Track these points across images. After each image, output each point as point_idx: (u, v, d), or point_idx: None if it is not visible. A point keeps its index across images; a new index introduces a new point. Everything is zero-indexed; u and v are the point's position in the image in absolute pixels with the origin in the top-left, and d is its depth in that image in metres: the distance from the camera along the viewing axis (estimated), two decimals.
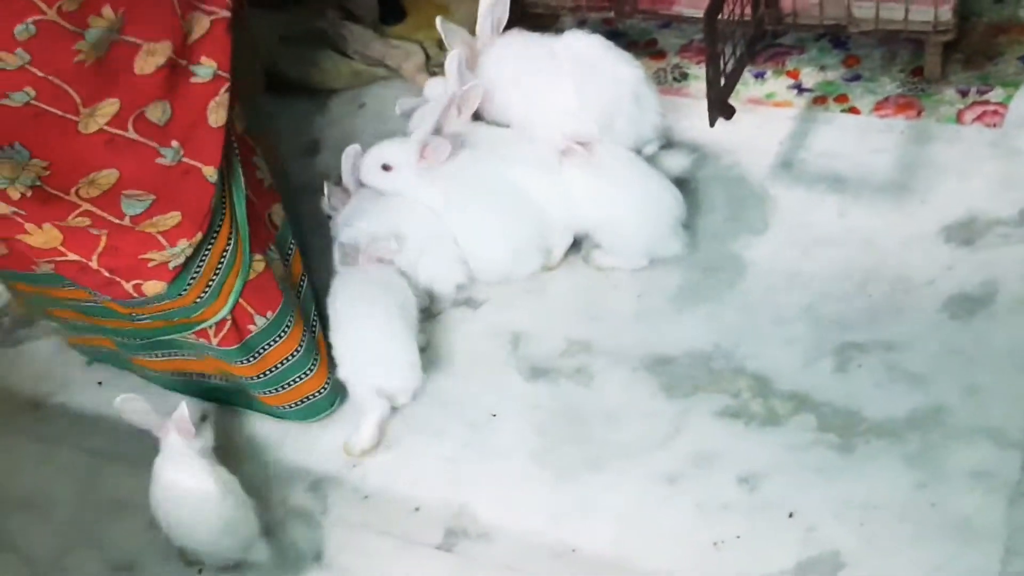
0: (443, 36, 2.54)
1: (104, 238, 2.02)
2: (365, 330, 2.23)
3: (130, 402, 2.09)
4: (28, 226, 2.01)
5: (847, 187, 2.43)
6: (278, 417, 2.30)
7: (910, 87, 2.58)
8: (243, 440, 2.31)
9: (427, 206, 2.42)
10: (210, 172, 2.04)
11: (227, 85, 2.04)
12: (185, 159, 2.02)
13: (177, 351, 2.29)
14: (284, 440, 2.29)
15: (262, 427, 2.32)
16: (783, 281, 2.30)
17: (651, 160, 2.46)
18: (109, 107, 1.94)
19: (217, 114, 2.04)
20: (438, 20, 2.54)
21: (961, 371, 2.08)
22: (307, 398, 2.26)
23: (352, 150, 2.46)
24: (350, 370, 2.24)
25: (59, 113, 1.90)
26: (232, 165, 2.15)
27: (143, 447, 2.30)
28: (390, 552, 2.08)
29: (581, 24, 2.78)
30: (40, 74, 1.85)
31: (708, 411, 2.14)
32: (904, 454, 2.00)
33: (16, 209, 1.97)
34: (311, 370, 2.25)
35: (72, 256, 2.03)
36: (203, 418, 2.18)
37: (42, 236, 2.01)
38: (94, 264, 2.03)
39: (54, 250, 2.03)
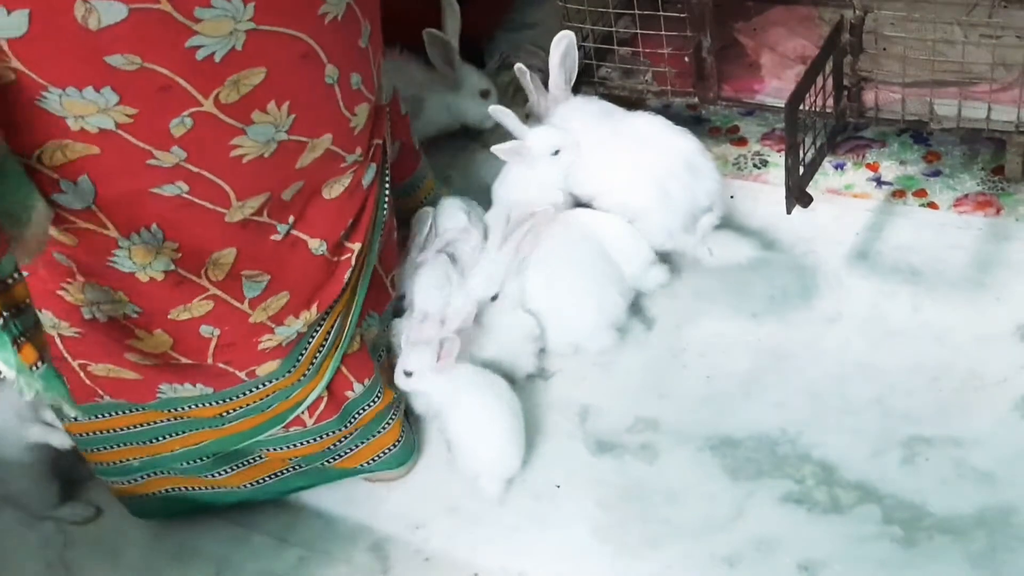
0: (523, 84, 2.65)
1: (215, 339, 1.99)
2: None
3: None
4: (139, 331, 1.97)
5: (922, 281, 2.43)
6: (354, 475, 2.33)
7: (990, 185, 2.59)
8: (308, 497, 2.35)
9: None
10: (315, 245, 2.02)
11: (356, 168, 2.04)
12: (294, 231, 2.00)
13: (251, 458, 2.26)
14: (349, 499, 2.32)
15: (328, 485, 2.35)
16: (853, 371, 2.30)
17: (710, 240, 2.50)
18: (258, 200, 1.90)
19: (332, 188, 2.02)
20: (516, 67, 2.65)
21: None
22: (380, 455, 2.29)
23: (425, 214, 2.51)
24: None
25: (209, 206, 1.85)
26: (371, 246, 2.17)
27: None
28: None
29: (665, 108, 2.83)
30: (195, 170, 1.79)
31: (771, 496, 2.13)
32: (968, 553, 1.97)
33: (130, 309, 1.93)
34: (388, 425, 2.28)
35: (184, 360, 2.01)
36: None
37: (152, 340, 1.98)
38: (209, 361, 2.01)
39: (163, 354, 2.00)
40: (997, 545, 1.98)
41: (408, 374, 2.28)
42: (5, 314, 1.58)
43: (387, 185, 2.22)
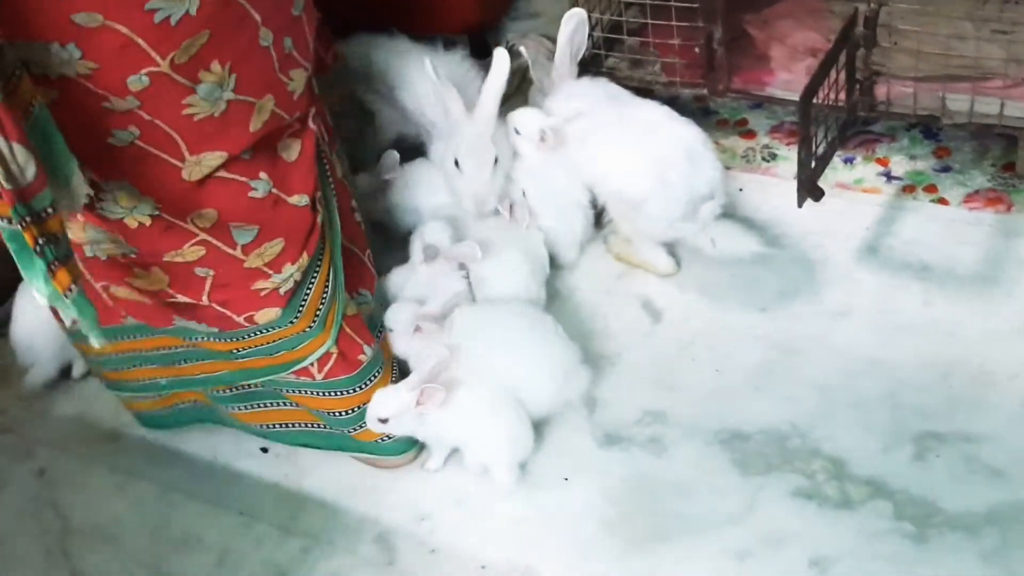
0: (529, 64, 2.63)
1: (210, 279, 2.03)
2: None
3: None
4: (136, 270, 2.03)
5: (932, 277, 2.42)
6: (369, 453, 2.31)
7: (1000, 182, 2.58)
8: (313, 487, 2.33)
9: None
10: (296, 199, 2.07)
11: (295, 128, 2.06)
12: (273, 190, 2.03)
13: (271, 401, 2.31)
14: (354, 489, 2.30)
15: (333, 475, 2.34)
16: (863, 366, 2.29)
17: (713, 230, 2.48)
18: (215, 159, 1.93)
19: (289, 152, 2.06)
20: (521, 49, 2.65)
21: None
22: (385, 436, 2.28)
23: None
24: None
25: (164, 156, 1.90)
26: (329, 204, 2.19)
27: (216, 484, 2.37)
28: None
29: (673, 100, 2.81)
30: (147, 117, 1.85)
31: (781, 490, 2.12)
32: (980, 549, 1.96)
33: (128, 250, 1.99)
34: None
35: (181, 298, 2.06)
36: None
37: (149, 278, 2.04)
38: (204, 301, 2.06)
39: (162, 291, 2.06)
40: (1009, 541, 1.97)
41: (383, 420, 2.18)
42: (40, 241, 1.66)
43: (324, 147, 2.23)
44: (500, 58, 2.48)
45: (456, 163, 2.52)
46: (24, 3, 1.66)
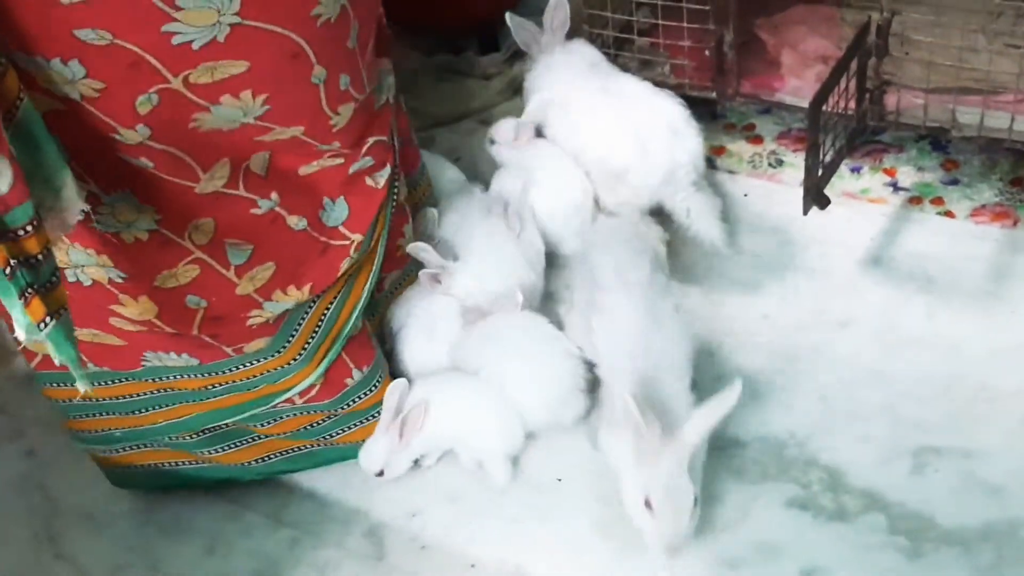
0: (512, 29, 2.64)
1: (202, 311, 1.95)
2: None
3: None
4: (123, 297, 1.92)
5: (936, 290, 2.40)
6: (346, 457, 2.29)
7: (1008, 196, 2.56)
8: (303, 478, 2.31)
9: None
10: (294, 221, 1.98)
11: (336, 155, 1.97)
12: (277, 208, 1.95)
13: (246, 439, 2.24)
14: (345, 483, 2.29)
15: (324, 467, 2.32)
16: (864, 377, 2.27)
17: (687, 202, 2.46)
18: (223, 168, 1.84)
19: (307, 167, 1.96)
20: (508, 15, 2.64)
21: None
22: None
23: None
24: None
25: (178, 181, 1.81)
26: (377, 236, 2.13)
27: None
28: None
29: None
30: (159, 147, 1.75)
31: (776, 499, 2.10)
32: (975, 566, 1.95)
33: (115, 273, 1.88)
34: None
35: (169, 329, 1.96)
36: None
37: (137, 308, 1.93)
38: (194, 332, 1.96)
39: (148, 322, 1.95)
40: (1004, 559, 1.95)
41: (379, 474, 2.22)
42: (12, 263, 1.50)
43: (396, 187, 2.19)
44: (733, 393, 1.98)
45: (647, 503, 1.96)
46: (20, 13, 1.54)
